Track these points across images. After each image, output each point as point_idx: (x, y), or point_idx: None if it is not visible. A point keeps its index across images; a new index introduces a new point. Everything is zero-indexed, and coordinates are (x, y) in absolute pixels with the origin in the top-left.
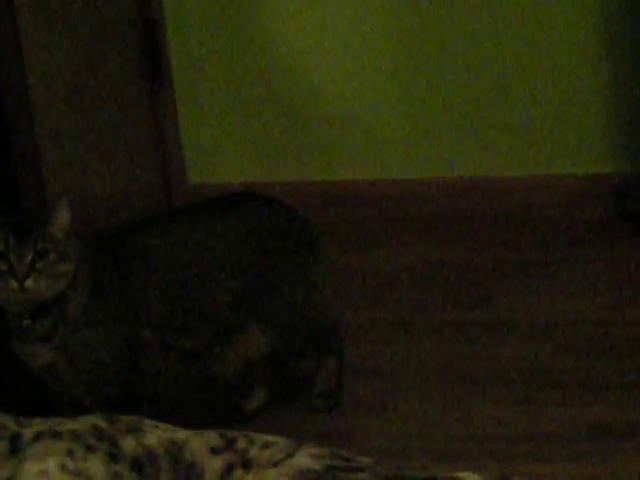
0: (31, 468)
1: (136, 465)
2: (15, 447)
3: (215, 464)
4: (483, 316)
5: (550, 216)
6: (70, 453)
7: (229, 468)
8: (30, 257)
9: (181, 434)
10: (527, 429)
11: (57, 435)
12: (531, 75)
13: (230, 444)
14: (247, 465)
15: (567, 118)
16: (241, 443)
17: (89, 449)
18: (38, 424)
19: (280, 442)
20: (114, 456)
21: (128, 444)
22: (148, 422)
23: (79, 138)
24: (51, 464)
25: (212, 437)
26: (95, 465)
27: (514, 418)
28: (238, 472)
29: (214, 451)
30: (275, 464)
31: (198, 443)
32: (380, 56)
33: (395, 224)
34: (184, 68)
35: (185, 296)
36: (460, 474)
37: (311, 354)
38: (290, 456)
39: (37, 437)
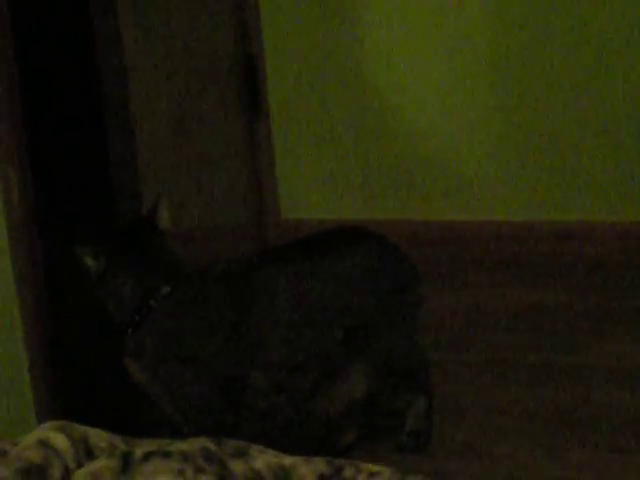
0: None
1: None
2: (126, 465)
3: None
4: (578, 361)
5: None
6: (180, 473)
7: None
8: None
9: (289, 460)
10: (619, 478)
11: (167, 455)
12: (634, 120)
13: (337, 472)
14: None
15: None
16: (348, 471)
17: (199, 470)
18: (147, 444)
19: (386, 472)
20: (223, 478)
21: (237, 467)
22: (255, 447)
23: (177, 169)
24: None
25: (320, 464)
26: None
27: (605, 466)
28: None
29: (322, 478)
30: None
31: (306, 469)
32: (479, 100)
33: (489, 266)
34: (281, 104)
35: (303, 335)
36: None
37: (403, 393)
38: None
39: (147, 456)
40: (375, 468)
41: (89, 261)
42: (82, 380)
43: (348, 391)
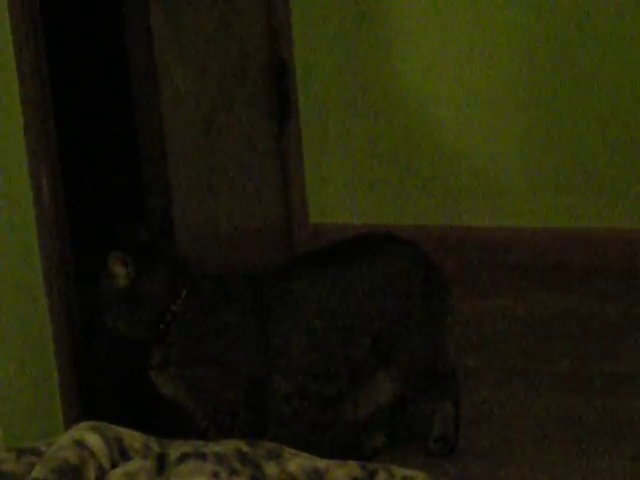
0: None
1: None
2: (162, 467)
3: None
4: (605, 368)
5: None
6: (215, 475)
7: None
8: None
9: (322, 463)
10: None
11: (202, 457)
12: None
13: (370, 475)
14: None
15: None
16: (381, 475)
17: (233, 472)
18: (182, 445)
19: (419, 477)
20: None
21: (271, 469)
22: (288, 449)
23: (207, 175)
24: None
25: (353, 468)
26: None
27: (632, 474)
28: None
29: None
30: None
31: (340, 472)
32: (506, 104)
33: (516, 272)
34: (311, 108)
35: (330, 342)
36: None
37: (430, 398)
38: None
39: (182, 458)
40: (408, 472)
41: (119, 269)
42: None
43: (374, 396)
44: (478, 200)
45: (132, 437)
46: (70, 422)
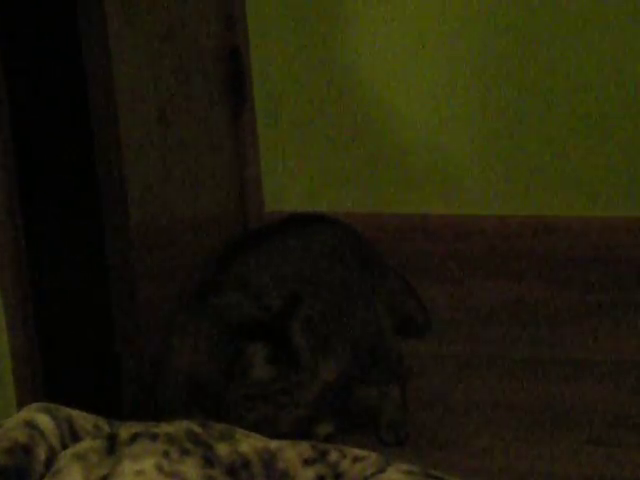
0: (128, 467)
1: (231, 470)
2: (112, 447)
3: (307, 475)
4: (558, 355)
5: (628, 258)
6: (166, 455)
7: None
8: None
9: (274, 443)
10: (599, 470)
11: (154, 437)
12: (610, 116)
13: (322, 456)
14: (338, 478)
15: None
16: (333, 456)
17: (185, 452)
18: (133, 426)
19: (372, 457)
20: (209, 460)
21: (223, 450)
22: (240, 430)
23: (162, 162)
24: (148, 464)
25: (305, 448)
26: (191, 468)
27: (586, 458)
28: None
29: (306, 462)
30: (366, 478)
31: (291, 453)
32: (460, 92)
33: (470, 260)
34: (266, 96)
35: None
36: None
37: (375, 380)
38: (381, 471)
39: (133, 438)
40: (360, 453)
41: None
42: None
43: (322, 375)
44: (432, 189)
45: (83, 418)
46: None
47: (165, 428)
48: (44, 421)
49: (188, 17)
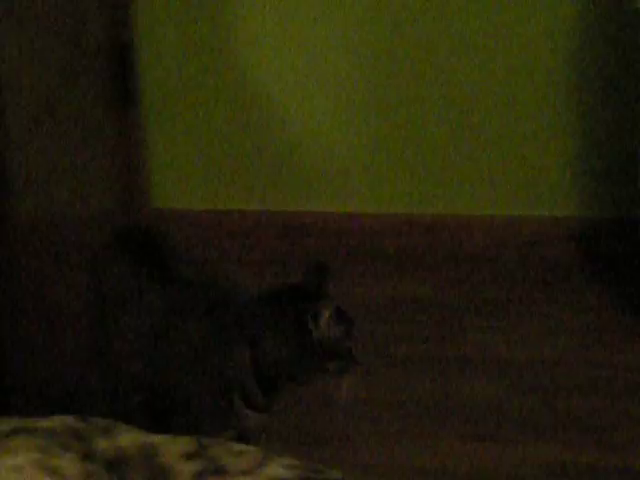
0: (5, 462)
1: (110, 465)
2: None
3: (187, 469)
4: (447, 352)
5: (514, 257)
6: (45, 450)
7: (201, 474)
8: None
9: (155, 438)
10: (487, 466)
11: (32, 432)
12: (497, 117)
13: (203, 450)
14: (219, 472)
15: (531, 161)
16: (214, 450)
17: (64, 447)
18: (11, 420)
19: (253, 451)
20: (88, 455)
21: (103, 444)
22: (121, 425)
23: (47, 159)
24: (26, 459)
25: (186, 442)
26: (70, 463)
27: (475, 454)
28: (210, 479)
29: (187, 456)
30: (248, 473)
31: (172, 447)
32: (351, 92)
33: (360, 258)
34: (154, 92)
35: None
36: None
37: None
38: (263, 465)
39: (12, 432)
40: (242, 447)
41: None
42: None
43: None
44: (323, 186)
45: None
46: None
47: (44, 423)
48: None
49: (75, 14)
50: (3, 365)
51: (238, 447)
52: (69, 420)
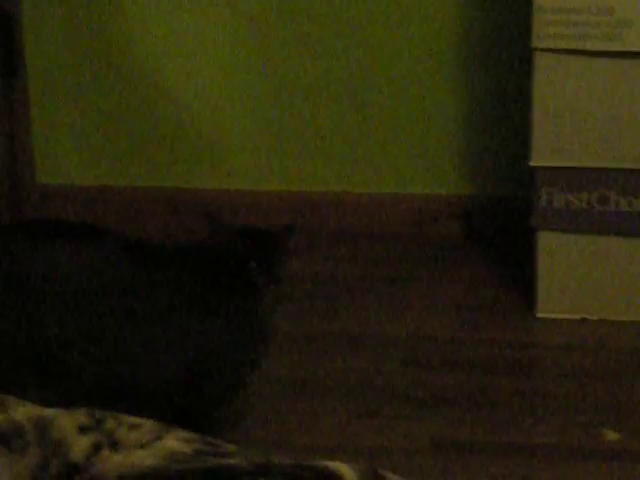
0: None
1: (3, 439)
2: None
3: (82, 442)
4: (331, 328)
5: (399, 234)
6: None
7: (96, 448)
8: None
9: (49, 411)
10: (372, 442)
11: None
12: (385, 94)
13: (98, 423)
14: (114, 445)
15: (418, 139)
16: (109, 423)
17: None
18: None
19: (148, 424)
20: None
21: None
22: (13, 398)
23: None
24: None
25: (80, 416)
26: None
27: (360, 430)
28: (105, 452)
29: (82, 430)
30: (143, 446)
31: (66, 421)
32: (238, 68)
33: None
34: (39, 65)
35: None
36: (330, 463)
37: None
38: (159, 438)
39: None
40: (137, 420)
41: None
42: None
43: None
44: (207, 162)
45: None
46: None
47: None
48: None
49: None
50: None
51: (133, 420)
52: None
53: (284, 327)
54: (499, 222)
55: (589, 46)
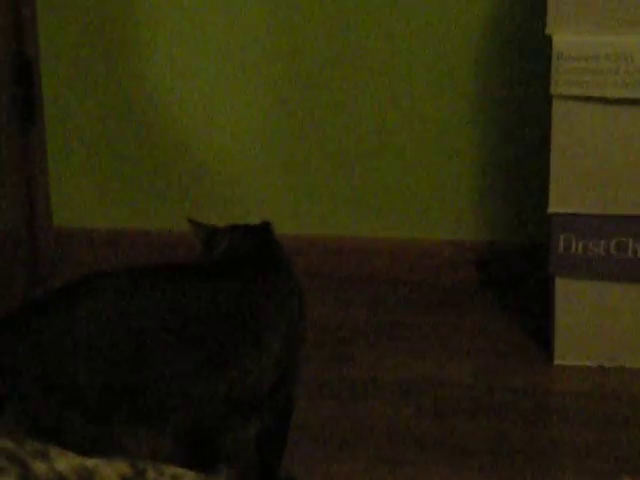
0: None
1: None
2: None
3: None
4: (347, 374)
5: (415, 280)
6: None
7: None
8: None
9: (91, 461)
10: None
11: None
12: (402, 140)
13: (140, 474)
14: None
15: (435, 185)
16: (151, 473)
17: (4, 471)
18: None
19: (189, 475)
20: (26, 478)
21: (39, 468)
22: (54, 448)
23: None
24: None
25: (122, 466)
26: None
27: (376, 477)
28: None
29: (124, 479)
30: None
31: (109, 471)
32: (257, 113)
33: None
34: (56, 109)
35: None
36: None
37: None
38: None
39: None
40: (178, 471)
41: None
42: None
43: None
44: (225, 206)
45: None
46: None
47: None
48: None
49: None
50: None
51: (173, 470)
52: (4, 443)
53: (304, 372)
54: (515, 269)
55: (608, 93)
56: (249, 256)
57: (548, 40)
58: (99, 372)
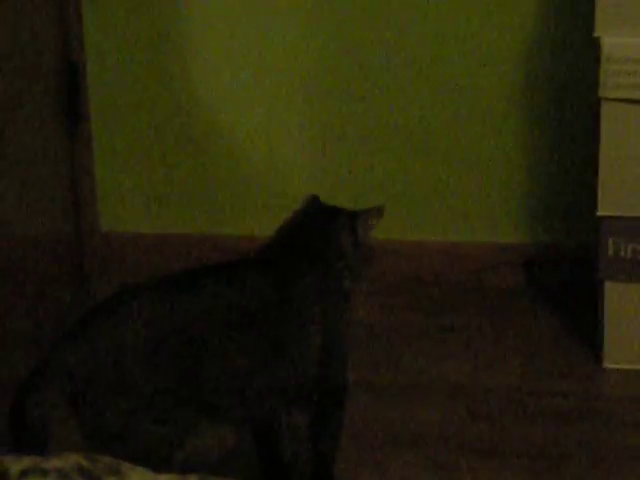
0: None
1: None
2: None
3: None
4: (395, 378)
5: (461, 283)
6: None
7: None
8: None
9: (163, 477)
10: None
11: (44, 473)
12: (446, 141)
13: None
14: None
15: (481, 187)
16: None
17: None
18: (21, 461)
19: None
20: None
21: None
22: (125, 464)
23: None
24: None
25: None
26: None
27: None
28: None
29: None
30: None
31: None
32: (299, 119)
33: None
34: (103, 113)
35: None
36: None
37: None
38: None
39: (23, 474)
40: None
41: None
42: None
43: None
44: (271, 210)
45: None
46: None
47: (54, 463)
48: None
49: (26, 31)
50: None
51: None
52: (77, 459)
53: (352, 377)
54: (560, 271)
55: None
56: (300, 246)
57: (596, 42)
58: (161, 375)
